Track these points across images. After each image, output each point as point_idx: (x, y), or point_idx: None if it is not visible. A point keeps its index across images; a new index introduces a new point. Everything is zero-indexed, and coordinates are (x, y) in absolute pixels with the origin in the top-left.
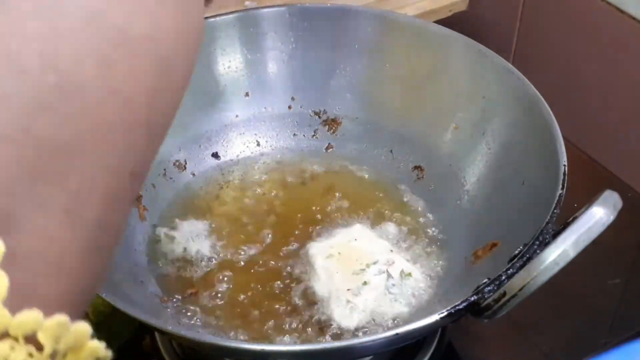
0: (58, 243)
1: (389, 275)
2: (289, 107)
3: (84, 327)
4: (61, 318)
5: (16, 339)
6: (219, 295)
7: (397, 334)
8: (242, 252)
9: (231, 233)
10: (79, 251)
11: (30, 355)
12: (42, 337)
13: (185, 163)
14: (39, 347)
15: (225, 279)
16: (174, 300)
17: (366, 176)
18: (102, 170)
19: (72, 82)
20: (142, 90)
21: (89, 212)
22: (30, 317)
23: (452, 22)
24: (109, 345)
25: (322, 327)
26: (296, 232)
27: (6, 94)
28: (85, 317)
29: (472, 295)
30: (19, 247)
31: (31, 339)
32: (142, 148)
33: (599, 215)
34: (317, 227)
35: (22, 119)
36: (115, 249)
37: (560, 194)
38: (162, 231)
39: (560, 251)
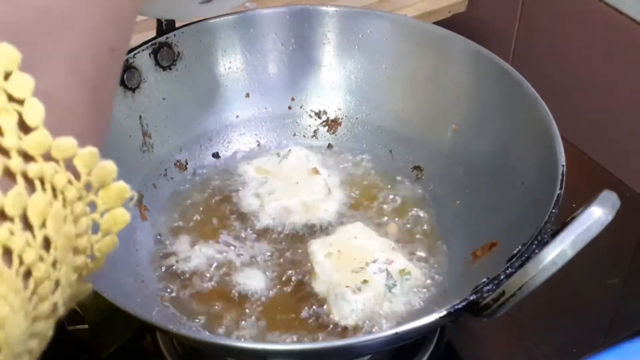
0: (66, 91)
1: (389, 274)
2: (289, 108)
3: (111, 164)
4: (92, 149)
5: (57, 162)
6: (218, 294)
7: (396, 333)
8: (242, 251)
9: (231, 231)
10: (84, 102)
11: (69, 182)
12: (78, 163)
13: (186, 163)
14: (76, 177)
15: (224, 277)
16: (174, 299)
17: (366, 176)
18: (90, 37)
19: None
20: None
21: (84, 70)
22: (68, 142)
23: (451, 23)
24: (111, 344)
25: (321, 325)
26: (295, 231)
27: None
28: (86, 316)
29: (471, 295)
30: (38, 88)
31: (68, 168)
32: (119, 25)
33: (597, 215)
34: (318, 225)
35: None
36: (109, 113)
37: (558, 194)
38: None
39: (559, 251)
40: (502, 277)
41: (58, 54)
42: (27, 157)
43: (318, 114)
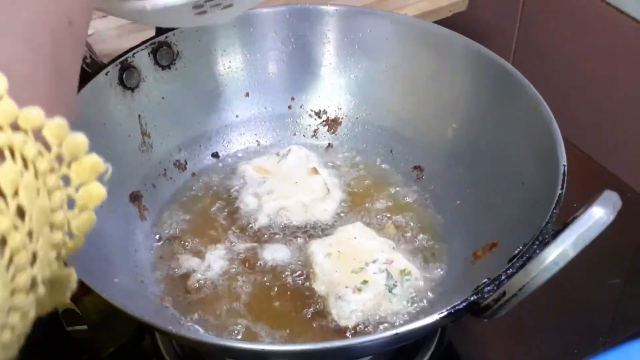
0: (25, 61)
1: (389, 274)
2: (289, 107)
3: (82, 137)
4: (61, 120)
5: (26, 132)
6: (218, 294)
7: (397, 333)
8: (241, 251)
9: (230, 231)
10: (44, 73)
11: (40, 153)
12: (47, 134)
13: (186, 163)
14: (46, 148)
15: (223, 278)
16: (174, 299)
17: (366, 176)
18: (46, 9)
19: None
20: None
21: (41, 42)
22: (34, 112)
23: (452, 22)
24: (110, 345)
25: (322, 326)
26: (293, 231)
27: None
28: (86, 317)
29: (472, 295)
30: None
31: (37, 138)
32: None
33: (598, 215)
34: (317, 226)
35: None
36: (73, 89)
37: (559, 194)
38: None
39: (560, 251)
40: (503, 277)
41: (13, 26)
42: None
43: (318, 114)
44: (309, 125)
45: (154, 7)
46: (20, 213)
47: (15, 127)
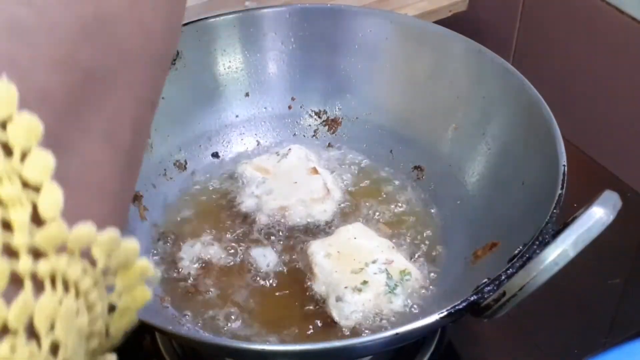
0: (101, 166)
1: (389, 274)
2: (289, 107)
3: (134, 245)
4: (113, 233)
5: (72, 253)
6: (218, 295)
7: (397, 333)
8: (241, 251)
9: (230, 231)
10: (117, 174)
11: (85, 271)
12: (95, 252)
13: (186, 163)
14: (92, 263)
15: (224, 278)
16: (174, 299)
17: (366, 176)
18: (131, 98)
19: (107, 13)
20: (159, 23)
21: (122, 137)
22: (85, 231)
23: (452, 22)
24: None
25: (322, 326)
26: (293, 231)
27: (54, 22)
28: None
29: (472, 295)
30: (69, 170)
31: (84, 255)
32: (158, 79)
33: (598, 215)
34: (316, 226)
35: (69, 46)
36: (139, 171)
37: (559, 194)
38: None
39: (560, 251)
40: (503, 277)
41: (97, 124)
42: (37, 254)
43: (318, 114)
44: (309, 125)
45: None
46: (55, 346)
47: (61, 248)
